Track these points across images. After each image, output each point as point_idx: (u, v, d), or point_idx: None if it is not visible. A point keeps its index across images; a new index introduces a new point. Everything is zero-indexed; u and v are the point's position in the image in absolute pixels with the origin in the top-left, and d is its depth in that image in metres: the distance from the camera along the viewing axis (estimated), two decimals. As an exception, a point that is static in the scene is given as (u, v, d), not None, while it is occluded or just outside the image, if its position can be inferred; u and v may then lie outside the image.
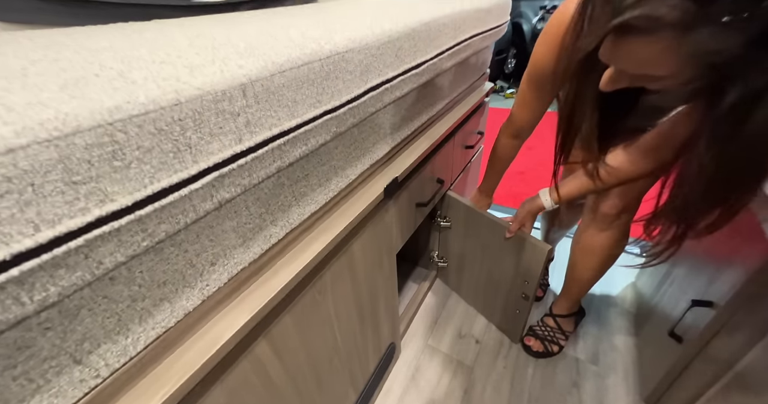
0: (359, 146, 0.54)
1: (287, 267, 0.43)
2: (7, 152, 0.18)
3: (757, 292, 0.54)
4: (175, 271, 0.31)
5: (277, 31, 0.42)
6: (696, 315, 0.66)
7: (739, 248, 0.59)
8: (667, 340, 0.72)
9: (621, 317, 1.08)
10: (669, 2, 0.29)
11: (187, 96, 0.26)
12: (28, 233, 0.19)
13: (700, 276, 0.71)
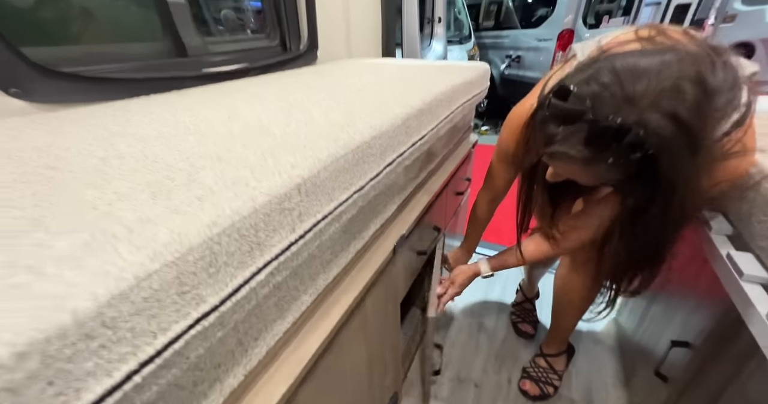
0: (373, 210, 0.59)
1: (314, 333, 0.46)
2: (147, 276, 0.22)
3: (725, 333, 0.62)
4: (227, 352, 0.33)
5: (303, 115, 0.49)
6: (676, 354, 0.73)
7: (704, 293, 0.68)
8: (654, 380, 0.78)
9: (608, 354, 1.14)
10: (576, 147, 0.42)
11: (260, 202, 0.31)
12: (149, 341, 0.22)
13: (675, 316, 0.79)
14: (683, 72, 0.37)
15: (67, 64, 0.66)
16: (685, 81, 0.36)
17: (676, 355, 0.73)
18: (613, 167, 0.41)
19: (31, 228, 0.26)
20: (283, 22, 1.13)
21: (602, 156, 0.40)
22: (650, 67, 0.37)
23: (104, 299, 0.20)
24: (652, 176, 0.39)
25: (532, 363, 1.08)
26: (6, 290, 0.20)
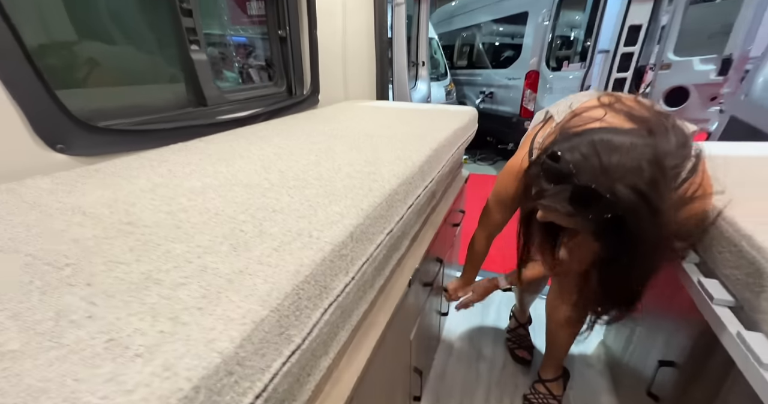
0: (395, 248, 0.66)
1: (350, 367, 0.50)
2: (261, 321, 0.27)
3: (704, 352, 0.70)
4: (290, 389, 0.37)
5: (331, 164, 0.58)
6: (664, 374, 0.80)
7: (682, 315, 0.77)
8: (646, 399, 0.84)
9: (600, 376, 1.20)
10: (562, 203, 0.53)
11: (327, 251, 0.37)
12: (260, 377, 0.27)
13: (659, 336, 0.87)
14: (644, 154, 0.48)
15: (102, 119, 0.71)
16: (645, 162, 0.47)
17: (663, 375, 0.80)
18: (591, 221, 0.51)
19: (149, 283, 0.30)
20: (290, 69, 1.24)
21: (582, 212, 0.51)
22: (621, 146, 0.48)
23: (237, 342, 0.25)
24: (622, 232, 0.50)
25: (532, 389, 1.12)
26: (161, 336, 0.24)
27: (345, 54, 1.48)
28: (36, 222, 0.42)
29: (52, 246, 0.36)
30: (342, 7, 1.38)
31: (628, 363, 1.04)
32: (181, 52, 0.88)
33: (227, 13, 1.17)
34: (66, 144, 0.64)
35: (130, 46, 0.82)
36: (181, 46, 0.87)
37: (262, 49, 1.25)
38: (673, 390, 0.76)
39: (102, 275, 0.32)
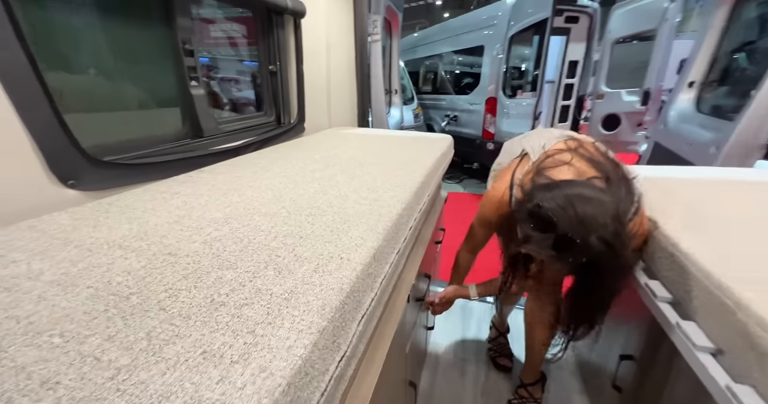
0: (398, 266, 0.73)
1: (367, 377, 0.55)
2: (323, 330, 0.33)
3: (654, 344, 0.83)
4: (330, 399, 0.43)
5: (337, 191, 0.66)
6: (625, 367, 0.92)
7: (636, 313, 0.90)
8: (612, 392, 0.95)
9: (572, 377, 1.32)
10: (546, 250, 0.64)
11: (359, 271, 0.44)
12: (323, 379, 0.33)
13: (619, 333, 1.00)
14: (609, 211, 0.59)
15: (109, 154, 0.73)
16: (609, 218, 0.58)
17: (624, 368, 0.92)
18: (569, 263, 0.63)
19: (215, 305, 0.35)
20: (279, 100, 1.31)
21: (561, 256, 0.62)
22: (591, 200, 0.59)
23: (309, 348, 0.31)
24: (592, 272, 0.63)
25: (515, 395, 1.20)
26: (247, 347, 0.30)
27: (329, 85, 1.58)
28: (78, 257, 0.44)
29: (108, 278, 0.40)
30: (326, 44, 1.50)
31: (596, 360, 1.17)
32: (181, 88, 0.92)
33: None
34: (77, 179, 0.65)
35: (137, 84, 0.86)
36: (181, 82, 0.91)
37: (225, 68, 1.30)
38: (633, 381, 0.88)
39: (169, 301, 0.36)
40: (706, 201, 0.81)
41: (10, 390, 0.25)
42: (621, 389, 0.93)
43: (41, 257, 0.45)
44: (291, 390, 0.28)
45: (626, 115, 3.82)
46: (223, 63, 1.40)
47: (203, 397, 0.25)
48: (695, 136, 1.65)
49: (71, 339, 0.31)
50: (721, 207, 0.78)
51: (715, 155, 1.37)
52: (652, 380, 0.83)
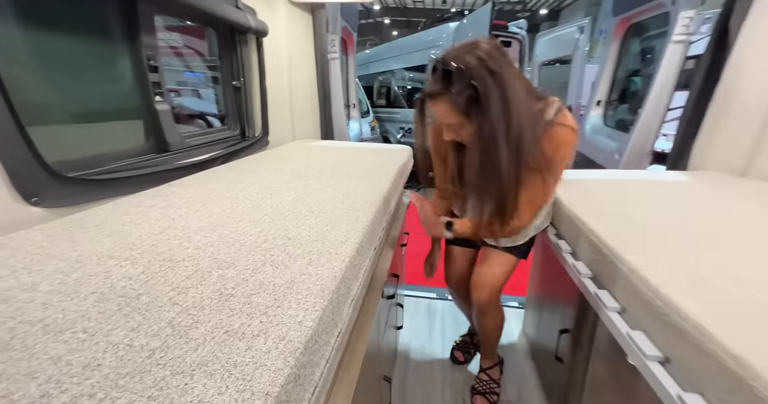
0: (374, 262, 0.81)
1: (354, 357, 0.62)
2: (323, 308, 0.40)
3: (582, 316, 1.00)
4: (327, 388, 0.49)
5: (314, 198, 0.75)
6: (564, 340, 1.08)
7: (567, 291, 1.07)
8: (556, 364, 1.11)
9: (524, 358, 1.48)
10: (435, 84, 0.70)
11: (346, 262, 0.51)
12: (320, 363, 0.39)
13: (557, 310, 1.17)
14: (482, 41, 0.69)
15: (73, 169, 0.72)
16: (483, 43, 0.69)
17: (563, 340, 1.09)
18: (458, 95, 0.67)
19: (225, 297, 0.40)
20: (243, 114, 1.34)
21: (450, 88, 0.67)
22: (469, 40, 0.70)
23: (317, 321, 0.38)
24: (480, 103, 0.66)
25: (477, 380, 1.32)
26: (263, 325, 0.36)
27: (292, 100, 1.64)
28: (69, 269, 0.46)
29: (110, 283, 0.42)
30: (288, 61, 1.56)
31: (542, 338, 1.34)
32: (146, 103, 0.92)
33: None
34: (41, 197, 0.64)
35: (102, 99, 0.84)
36: (146, 97, 0.92)
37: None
38: (570, 351, 1.04)
39: (179, 297, 0.40)
40: (612, 196, 1.02)
41: (56, 375, 0.29)
42: (562, 360, 1.08)
43: (28, 271, 0.45)
44: (306, 352, 0.34)
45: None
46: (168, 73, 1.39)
47: (237, 361, 0.31)
48: (604, 145, 2.00)
49: (96, 333, 0.34)
50: (623, 200, 0.98)
51: (618, 160, 1.68)
52: (583, 349, 0.99)
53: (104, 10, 0.82)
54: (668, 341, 0.51)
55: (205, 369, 0.30)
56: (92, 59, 0.82)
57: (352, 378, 0.55)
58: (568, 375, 1.06)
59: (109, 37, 0.84)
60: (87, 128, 0.82)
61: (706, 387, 0.43)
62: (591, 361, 0.92)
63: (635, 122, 1.60)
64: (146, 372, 0.29)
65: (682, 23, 1.39)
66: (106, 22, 0.83)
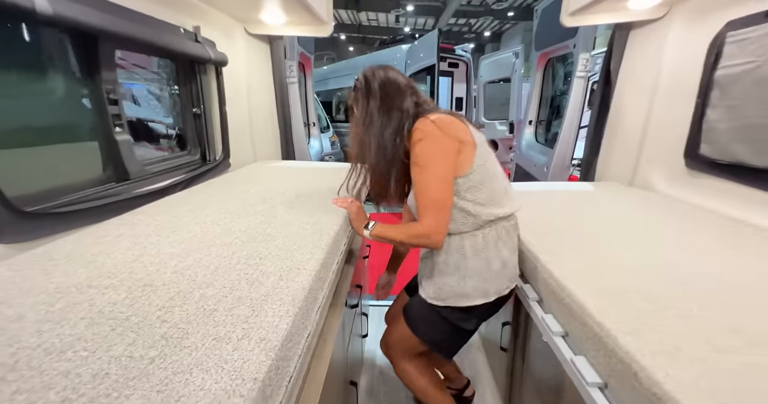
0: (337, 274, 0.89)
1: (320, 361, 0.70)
2: (297, 311, 0.49)
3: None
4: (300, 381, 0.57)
5: (281, 219, 0.81)
6: (506, 331, 1.24)
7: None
8: (501, 353, 1.26)
9: (478, 351, 1.63)
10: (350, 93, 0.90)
11: (312, 276, 0.60)
12: (293, 357, 0.48)
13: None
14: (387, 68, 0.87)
15: (30, 203, 0.73)
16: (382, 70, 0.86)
17: (506, 332, 1.25)
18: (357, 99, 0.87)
19: (208, 312, 0.48)
20: (203, 139, 1.37)
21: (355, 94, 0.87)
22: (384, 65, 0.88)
23: (290, 325, 0.47)
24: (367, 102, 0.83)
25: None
26: (245, 331, 0.44)
27: (251, 123, 1.69)
28: (51, 300, 0.50)
29: (97, 309, 0.48)
30: (246, 87, 1.62)
31: (490, 333, 1.50)
32: (105, 135, 0.94)
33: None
34: (0, 233, 0.65)
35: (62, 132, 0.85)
36: (106, 129, 0.94)
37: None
38: (511, 341, 1.20)
39: (167, 315, 0.47)
40: (536, 205, 1.22)
41: (70, 385, 0.34)
42: (506, 349, 1.24)
43: (8, 305, 0.48)
44: (283, 348, 0.43)
45: (501, 141, 4.82)
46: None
47: (227, 359, 0.39)
48: (536, 159, 2.31)
49: (96, 350, 0.40)
50: (544, 208, 1.18)
51: (547, 173, 1.96)
52: (520, 338, 1.16)
53: (66, 49, 0.85)
54: (565, 319, 0.67)
55: (201, 367, 0.38)
56: (55, 93, 0.84)
57: (320, 374, 0.64)
58: (511, 362, 1.22)
59: (71, 73, 0.87)
60: (45, 160, 0.83)
61: (587, 350, 0.59)
62: (527, 348, 1.08)
63: (556, 140, 1.89)
64: (151, 375, 0.36)
65: (582, 62, 1.71)
66: (67, 59, 0.86)
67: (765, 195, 0.98)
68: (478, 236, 0.83)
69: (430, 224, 0.76)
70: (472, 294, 0.85)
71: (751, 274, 0.70)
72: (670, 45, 1.28)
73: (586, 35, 1.79)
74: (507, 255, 0.86)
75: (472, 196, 0.80)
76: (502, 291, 0.87)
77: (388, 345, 1.06)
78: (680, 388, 0.41)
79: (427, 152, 0.77)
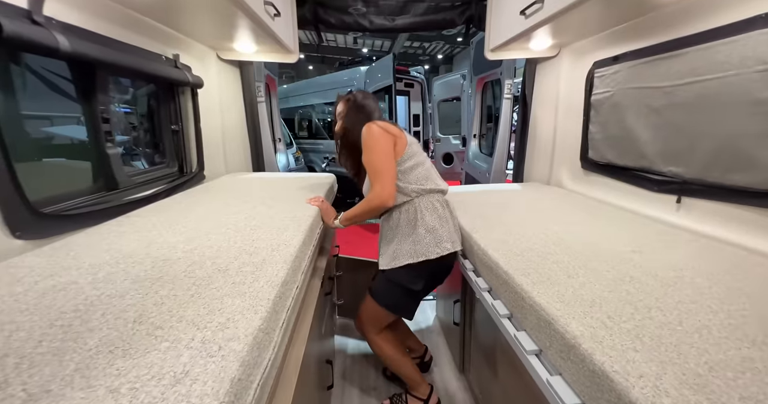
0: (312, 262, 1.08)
1: (297, 341, 0.88)
2: (275, 297, 0.68)
3: (465, 289, 1.41)
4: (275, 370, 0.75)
5: (262, 223, 0.99)
6: (457, 308, 1.49)
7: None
8: (454, 328, 1.50)
9: (438, 335, 1.86)
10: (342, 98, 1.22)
11: (289, 263, 0.79)
12: (270, 348, 0.67)
13: (453, 289, 1.59)
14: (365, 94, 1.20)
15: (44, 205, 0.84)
16: (362, 95, 1.19)
17: (457, 308, 1.49)
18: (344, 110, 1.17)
19: (222, 271, 0.65)
20: (181, 153, 1.50)
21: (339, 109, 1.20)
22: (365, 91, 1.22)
23: (271, 305, 0.66)
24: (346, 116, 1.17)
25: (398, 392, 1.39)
26: (251, 277, 0.63)
27: (224, 138, 1.84)
28: (93, 271, 0.64)
29: (134, 275, 0.63)
30: (219, 105, 1.78)
31: (446, 314, 1.74)
32: (98, 149, 1.07)
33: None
34: (22, 231, 0.76)
35: (65, 146, 0.97)
36: (100, 144, 1.06)
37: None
38: (461, 316, 1.45)
39: (192, 274, 0.64)
40: (478, 202, 1.51)
41: (139, 310, 0.51)
42: (458, 323, 1.48)
43: (58, 276, 0.62)
44: (284, 285, 0.62)
45: (455, 153, 5.29)
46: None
47: (245, 291, 0.57)
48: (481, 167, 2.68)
49: (147, 293, 0.56)
50: (484, 204, 1.47)
51: (488, 177, 2.31)
52: (467, 313, 1.41)
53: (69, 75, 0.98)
54: (492, 280, 0.92)
55: (228, 296, 0.56)
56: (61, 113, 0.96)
57: (304, 333, 0.82)
58: (462, 334, 1.46)
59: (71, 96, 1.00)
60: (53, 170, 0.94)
61: (507, 301, 0.83)
62: (473, 319, 1.33)
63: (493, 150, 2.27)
64: (195, 302, 0.54)
65: (507, 87, 2.11)
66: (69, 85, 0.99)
67: (624, 185, 1.35)
68: (410, 209, 1.12)
69: (378, 189, 1.05)
70: (403, 255, 1.10)
71: (602, 235, 1.01)
72: (563, 76, 1.68)
73: (509, 65, 2.21)
74: (433, 225, 1.10)
75: (404, 177, 1.11)
76: (429, 255, 1.09)
77: (361, 322, 1.28)
78: (543, 299, 0.67)
79: (372, 139, 1.08)
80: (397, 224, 1.13)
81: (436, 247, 1.10)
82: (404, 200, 1.11)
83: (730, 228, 0.96)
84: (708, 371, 0.45)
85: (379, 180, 1.05)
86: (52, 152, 0.97)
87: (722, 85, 0.91)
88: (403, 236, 1.11)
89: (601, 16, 1.24)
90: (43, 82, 0.93)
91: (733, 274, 0.73)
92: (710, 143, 0.98)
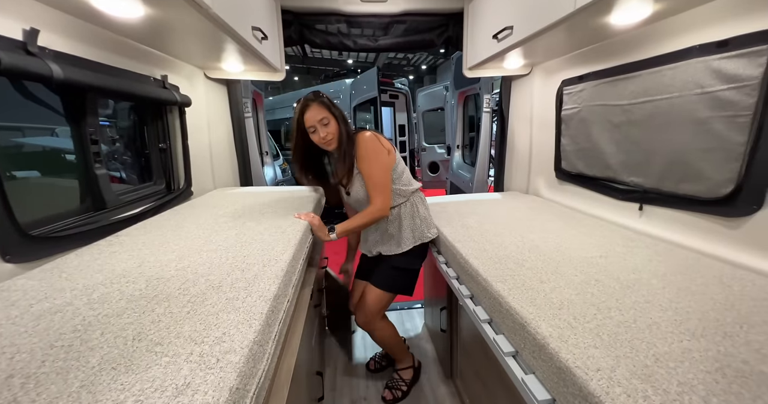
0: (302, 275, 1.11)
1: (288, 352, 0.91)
2: (268, 310, 0.72)
3: (450, 298, 1.47)
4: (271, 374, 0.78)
5: (249, 238, 1.02)
6: (444, 315, 1.53)
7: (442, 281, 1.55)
8: (441, 334, 1.54)
9: (426, 342, 1.90)
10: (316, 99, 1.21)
11: (284, 271, 0.83)
12: (265, 358, 0.70)
13: (439, 298, 1.64)
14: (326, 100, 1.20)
15: (33, 228, 0.85)
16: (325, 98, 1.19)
17: (444, 316, 1.54)
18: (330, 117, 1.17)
19: (215, 287, 0.69)
20: (168, 171, 1.52)
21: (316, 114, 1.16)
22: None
23: (266, 314, 0.70)
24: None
25: (389, 377, 1.61)
26: (244, 292, 0.66)
27: (211, 154, 1.86)
28: (87, 292, 0.66)
29: (128, 294, 0.66)
30: (207, 123, 1.81)
31: (434, 322, 1.79)
32: (87, 169, 1.08)
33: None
34: (12, 254, 0.77)
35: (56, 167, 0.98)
36: (87, 165, 1.08)
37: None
38: (447, 323, 1.50)
39: (186, 291, 0.66)
40: (461, 211, 1.57)
41: (137, 328, 0.54)
42: (445, 330, 1.53)
43: (53, 298, 0.64)
44: (275, 300, 0.66)
45: (441, 162, 5.42)
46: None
47: (239, 307, 0.61)
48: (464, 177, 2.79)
49: (144, 312, 0.59)
50: (466, 213, 1.54)
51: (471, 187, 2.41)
52: (453, 320, 1.46)
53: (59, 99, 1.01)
54: (473, 287, 0.97)
55: (224, 311, 0.59)
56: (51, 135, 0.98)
57: (294, 344, 0.85)
58: (449, 340, 1.50)
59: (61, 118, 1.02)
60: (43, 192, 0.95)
61: (487, 307, 0.89)
62: (459, 325, 1.38)
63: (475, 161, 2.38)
64: (192, 318, 0.57)
65: (486, 101, 2.24)
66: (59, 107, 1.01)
67: (593, 194, 1.45)
68: (407, 205, 1.33)
69: (380, 202, 1.20)
70: (407, 242, 1.33)
71: (573, 241, 1.09)
72: (536, 92, 1.80)
73: (486, 82, 2.34)
74: (424, 214, 1.35)
75: (398, 181, 1.30)
76: (424, 238, 1.34)
77: (365, 314, 1.38)
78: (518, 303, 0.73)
79: (375, 152, 1.20)
80: (400, 218, 1.32)
81: (427, 232, 1.35)
82: (402, 201, 1.31)
83: (684, 233, 1.05)
84: (654, 362, 0.52)
85: (380, 194, 1.20)
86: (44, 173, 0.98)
87: (670, 105, 1.02)
88: (404, 228, 1.32)
89: (566, 41, 1.35)
90: (33, 100, 0.95)
91: (684, 275, 0.81)
92: (663, 156, 1.08)
